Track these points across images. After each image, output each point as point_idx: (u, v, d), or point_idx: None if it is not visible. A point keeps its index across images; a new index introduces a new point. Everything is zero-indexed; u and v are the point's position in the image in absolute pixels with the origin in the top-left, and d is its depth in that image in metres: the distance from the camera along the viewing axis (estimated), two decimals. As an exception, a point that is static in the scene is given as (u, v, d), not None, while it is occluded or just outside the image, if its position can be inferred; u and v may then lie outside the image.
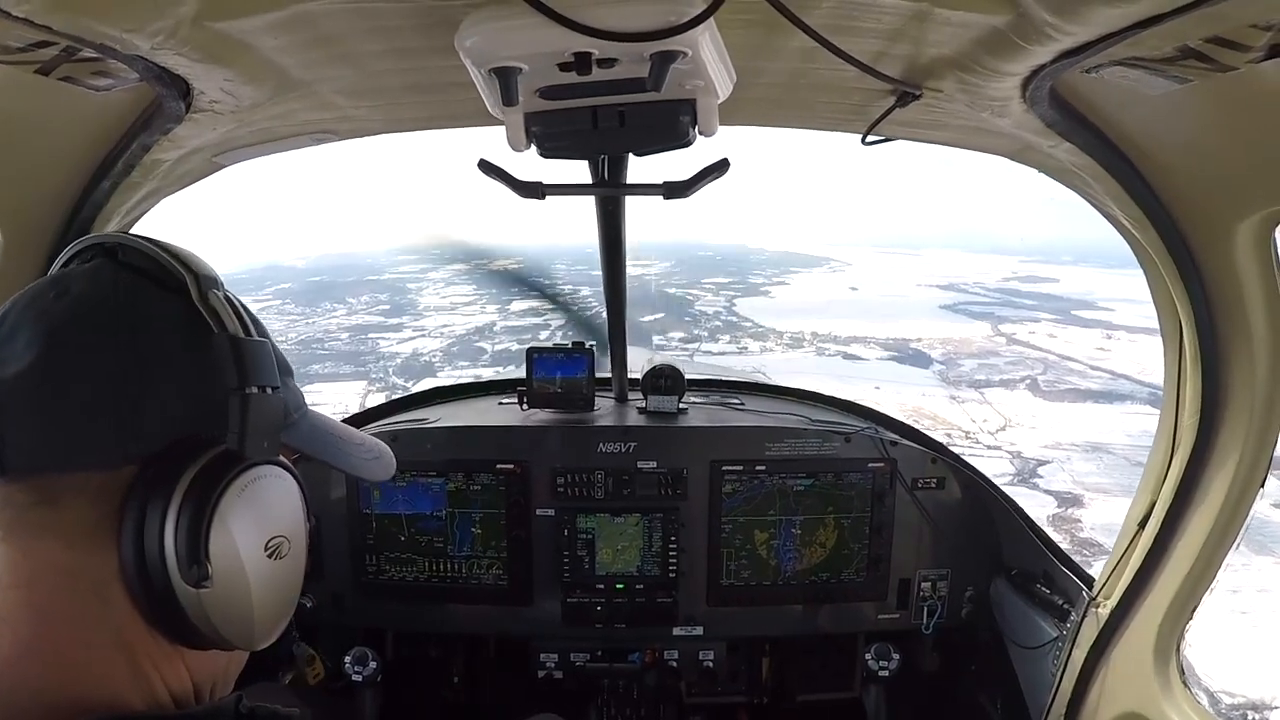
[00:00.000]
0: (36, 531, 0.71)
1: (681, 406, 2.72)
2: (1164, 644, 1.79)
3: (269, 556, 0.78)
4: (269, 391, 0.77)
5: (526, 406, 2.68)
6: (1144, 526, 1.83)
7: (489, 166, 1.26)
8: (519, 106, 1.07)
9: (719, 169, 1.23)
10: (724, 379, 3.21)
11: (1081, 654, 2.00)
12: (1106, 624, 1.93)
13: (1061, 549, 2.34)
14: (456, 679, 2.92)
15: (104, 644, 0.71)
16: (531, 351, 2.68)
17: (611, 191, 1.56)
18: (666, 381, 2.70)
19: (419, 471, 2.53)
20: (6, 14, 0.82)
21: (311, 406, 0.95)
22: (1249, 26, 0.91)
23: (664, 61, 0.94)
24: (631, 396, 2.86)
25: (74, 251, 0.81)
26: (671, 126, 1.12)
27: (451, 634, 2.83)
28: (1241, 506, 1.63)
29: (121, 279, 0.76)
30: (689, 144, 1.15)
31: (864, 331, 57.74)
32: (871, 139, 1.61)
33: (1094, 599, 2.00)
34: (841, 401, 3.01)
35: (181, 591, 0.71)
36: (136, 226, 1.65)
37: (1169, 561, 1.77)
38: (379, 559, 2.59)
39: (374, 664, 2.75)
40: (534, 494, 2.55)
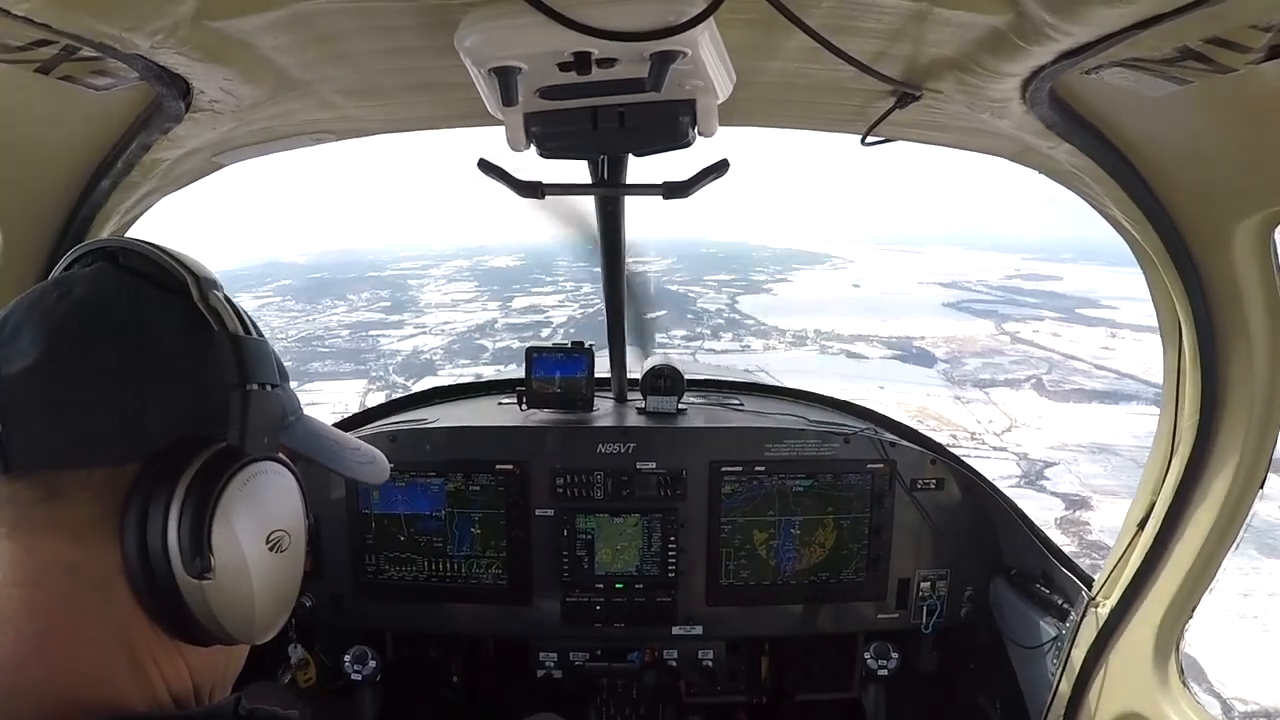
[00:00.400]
0: (41, 528, 0.71)
1: (681, 407, 2.72)
2: (1163, 643, 1.79)
3: (270, 550, 0.78)
4: (269, 389, 0.78)
5: (526, 406, 2.68)
6: (1143, 526, 1.83)
7: (489, 166, 1.26)
8: (518, 106, 1.07)
9: (719, 169, 1.23)
10: (723, 379, 3.21)
11: (1081, 654, 2.01)
12: (1106, 624, 1.94)
13: (1060, 549, 2.34)
14: (456, 679, 2.93)
15: (106, 641, 0.72)
16: (531, 351, 2.68)
17: (611, 191, 1.56)
18: (666, 382, 2.69)
19: (418, 472, 2.53)
20: (6, 12, 0.82)
21: (309, 407, 0.96)
22: (1249, 27, 0.91)
23: (664, 61, 0.94)
24: (631, 397, 2.86)
25: (75, 255, 0.82)
26: (671, 127, 1.12)
27: (451, 634, 2.83)
28: (1241, 507, 1.64)
29: (123, 281, 0.77)
30: (689, 144, 1.15)
31: (867, 329, 57.44)
32: (871, 140, 1.61)
33: (1093, 599, 2.01)
34: (840, 402, 3.01)
35: (184, 584, 0.72)
36: (136, 225, 1.66)
37: (1168, 561, 1.77)
38: (378, 559, 2.59)
39: (373, 664, 2.75)
40: (533, 494, 2.55)
